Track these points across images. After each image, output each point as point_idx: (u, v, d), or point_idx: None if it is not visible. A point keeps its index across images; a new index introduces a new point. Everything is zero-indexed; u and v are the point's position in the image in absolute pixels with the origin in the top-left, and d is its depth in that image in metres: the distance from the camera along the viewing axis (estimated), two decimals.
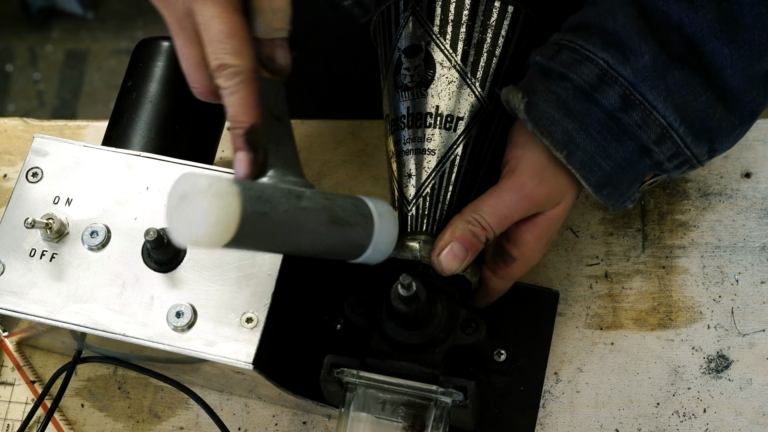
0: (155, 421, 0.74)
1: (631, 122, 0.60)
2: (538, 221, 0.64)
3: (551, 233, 0.65)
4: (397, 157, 0.68)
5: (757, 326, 0.71)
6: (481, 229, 0.62)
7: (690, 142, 0.61)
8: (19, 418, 0.75)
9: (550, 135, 0.60)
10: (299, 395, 0.67)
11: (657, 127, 0.60)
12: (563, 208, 0.64)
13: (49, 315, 0.63)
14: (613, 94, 0.59)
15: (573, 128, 0.60)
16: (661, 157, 0.61)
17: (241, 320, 0.62)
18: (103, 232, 0.65)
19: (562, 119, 0.60)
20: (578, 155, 0.61)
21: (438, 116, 0.66)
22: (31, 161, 0.68)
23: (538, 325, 0.71)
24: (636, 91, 0.59)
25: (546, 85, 0.61)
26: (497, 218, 0.62)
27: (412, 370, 0.63)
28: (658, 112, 0.59)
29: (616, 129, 0.60)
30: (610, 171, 0.61)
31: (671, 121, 0.59)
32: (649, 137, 0.60)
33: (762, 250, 0.73)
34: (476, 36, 0.66)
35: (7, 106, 2.10)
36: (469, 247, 0.62)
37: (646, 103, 0.59)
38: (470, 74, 0.66)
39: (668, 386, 0.70)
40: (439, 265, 0.62)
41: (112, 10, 2.19)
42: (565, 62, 0.61)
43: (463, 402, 0.62)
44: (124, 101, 0.72)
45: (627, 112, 0.59)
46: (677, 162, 0.62)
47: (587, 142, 0.60)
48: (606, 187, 0.62)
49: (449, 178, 0.65)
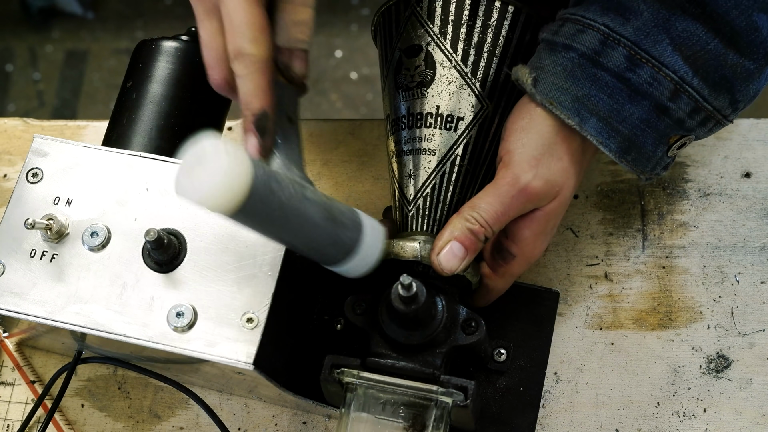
0: (155, 421, 0.74)
1: (641, 80, 0.60)
2: (536, 216, 0.64)
3: (550, 228, 0.65)
4: (397, 157, 0.68)
5: (757, 326, 0.71)
6: (479, 227, 0.62)
7: (708, 95, 0.60)
8: (19, 418, 0.75)
9: (560, 104, 0.61)
10: (299, 395, 0.67)
11: (669, 82, 0.59)
12: (560, 203, 0.64)
13: (49, 315, 0.63)
14: (617, 55, 0.59)
15: (583, 95, 0.60)
16: (680, 113, 0.61)
17: (241, 320, 0.62)
18: (103, 232, 0.65)
19: (570, 87, 0.61)
20: (592, 122, 0.61)
21: (438, 116, 0.66)
22: (31, 162, 0.68)
23: (539, 325, 0.72)
24: (640, 49, 0.59)
25: (552, 59, 0.62)
26: (494, 215, 0.62)
27: (412, 371, 0.63)
28: (667, 67, 0.59)
29: (626, 90, 0.60)
30: (628, 134, 0.61)
31: (683, 74, 0.59)
32: (662, 94, 0.60)
33: (762, 250, 0.73)
34: (476, 36, 0.66)
35: (7, 106, 2.10)
36: (469, 245, 0.62)
37: (652, 59, 0.59)
38: (470, 74, 0.66)
39: (668, 386, 0.70)
40: (439, 265, 0.62)
41: (112, 10, 2.19)
42: (568, 34, 0.61)
43: (464, 402, 0.62)
44: (124, 102, 0.72)
45: (635, 71, 0.59)
46: (699, 118, 0.61)
47: (600, 107, 0.60)
48: (629, 152, 0.62)
49: (449, 178, 0.66)
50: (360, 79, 1.98)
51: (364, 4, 2.06)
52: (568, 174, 0.63)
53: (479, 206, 0.62)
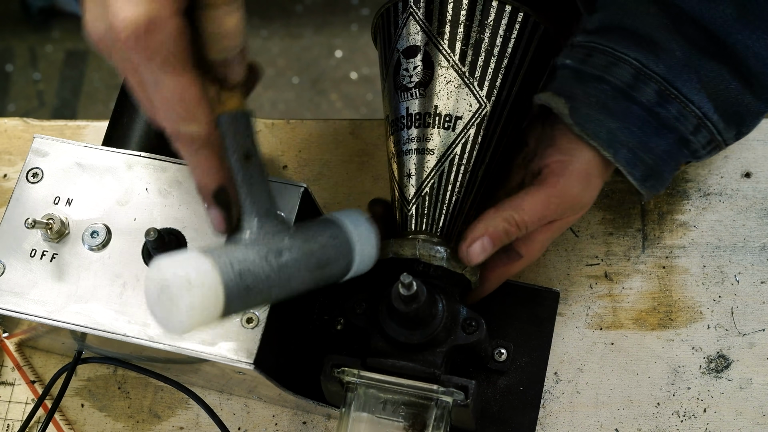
0: (155, 421, 0.74)
1: (669, 116, 0.62)
2: (555, 225, 0.65)
3: (559, 233, 0.67)
4: (397, 157, 0.68)
5: (757, 326, 0.71)
6: (516, 228, 0.63)
7: (722, 128, 0.63)
8: (19, 418, 0.75)
9: (596, 136, 0.62)
10: (299, 395, 0.67)
11: (694, 118, 0.62)
12: (579, 217, 0.66)
13: (49, 315, 0.63)
14: (649, 90, 0.61)
15: (616, 127, 0.62)
16: (697, 145, 0.64)
17: (241, 320, 0.62)
18: (103, 232, 0.65)
19: (604, 120, 0.62)
20: (623, 152, 0.63)
21: (437, 116, 0.66)
22: (32, 162, 0.68)
23: (539, 325, 0.72)
24: (671, 86, 0.61)
25: (583, 89, 0.63)
26: (536, 219, 0.63)
27: (412, 370, 0.63)
28: (694, 104, 0.62)
29: (655, 123, 0.62)
30: (652, 164, 0.63)
31: (706, 111, 0.62)
32: (686, 128, 0.62)
33: (762, 250, 0.73)
34: (474, 36, 0.67)
35: (7, 106, 2.10)
36: (498, 243, 0.63)
37: (681, 96, 0.61)
38: (468, 74, 0.66)
39: (668, 386, 0.70)
40: (466, 257, 0.63)
41: None
42: (599, 65, 0.63)
43: (464, 401, 0.62)
44: (124, 102, 0.72)
45: (664, 106, 0.62)
46: (710, 148, 0.65)
47: (630, 138, 0.62)
48: (649, 179, 0.64)
49: (448, 177, 0.66)
50: (360, 79, 1.98)
51: (364, 4, 2.06)
52: (597, 191, 0.65)
53: (522, 208, 0.63)
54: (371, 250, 0.60)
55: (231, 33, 0.52)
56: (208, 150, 0.53)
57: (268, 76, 1.98)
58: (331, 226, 0.59)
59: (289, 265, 0.55)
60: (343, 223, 0.59)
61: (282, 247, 0.55)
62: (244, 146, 0.55)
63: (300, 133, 0.83)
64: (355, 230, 0.59)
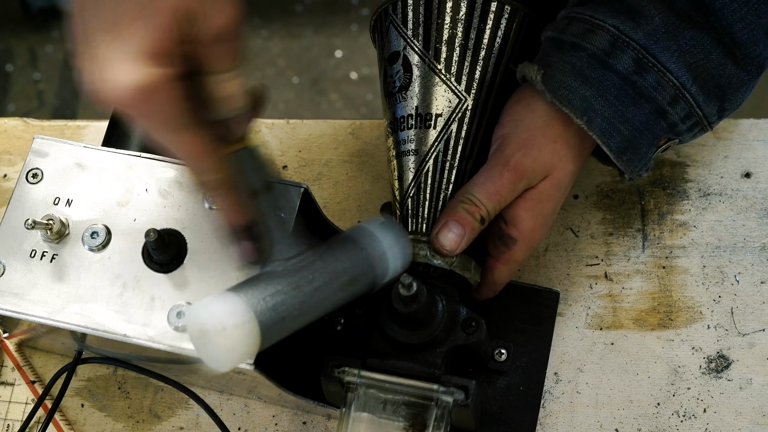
0: (155, 421, 0.74)
1: (646, 85, 0.61)
2: (529, 196, 0.64)
3: (547, 212, 0.65)
4: (389, 162, 0.69)
5: (757, 326, 0.71)
6: (473, 206, 0.63)
7: (702, 101, 0.62)
8: (19, 419, 0.75)
9: (569, 103, 0.62)
10: (299, 395, 0.67)
11: (671, 88, 0.61)
12: (552, 184, 0.64)
13: (49, 316, 0.63)
14: (626, 58, 0.61)
15: (591, 95, 0.61)
16: (675, 118, 0.62)
17: None
18: (103, 232, 0.65)
19: (579, 87, 0.61)
20: (597, 121, 0.62)
21: (417, 116, 0.67)
22: (31, 162, 0.68)
23: (539, 325, 0.72)
24: (648, 54, 0.60)
25: (560, 56, 0.62)
26: (486, 194, 0.63)
27: (413, 370, 0.63)
28: (671, 73, 0.61)
29: (632, 93, 0.61)
30: (628, 135, 0.62)
31: (684, 81, 0.61)
32: (664, 98, 0.61)
33: (762, 250, 0.73)
34: (447, 32, 0.67)
35: (7, 106, 2.10)
36: (465, 224, 0.63)
37: (659, 65, 0.60)
38: (444, 70, 0.67)
39: (668, 386, 0.70)
40: (438, 243, 0.63)
41: None
42: (577, 32, 0.62)
43: (465, 401, 0.62)
44: None
45: (641, 75, 0.61)
46: (689, 123, 0.63)
47: (605, 107, 0.61)
48: (626, 152, 0.63)
49: (434, 175, 0.66)
50: (360, 79, 1.98)
51: (364, 4, 2.06)
52: (560, 156, 0.64)
53: (472, 187, 0.63)
54: (404, 254, 0.60)
55: (232, 97, 0.55)
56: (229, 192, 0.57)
57: (268, 76, 1.98)
58: (357, 239, 0.60)
59: (321, 288, 0.57)
60: (369, 233, 0.60)
61: (313, 271, 0.57)
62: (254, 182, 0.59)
63: (300, 133, 0.83)
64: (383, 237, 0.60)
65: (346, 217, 0.78)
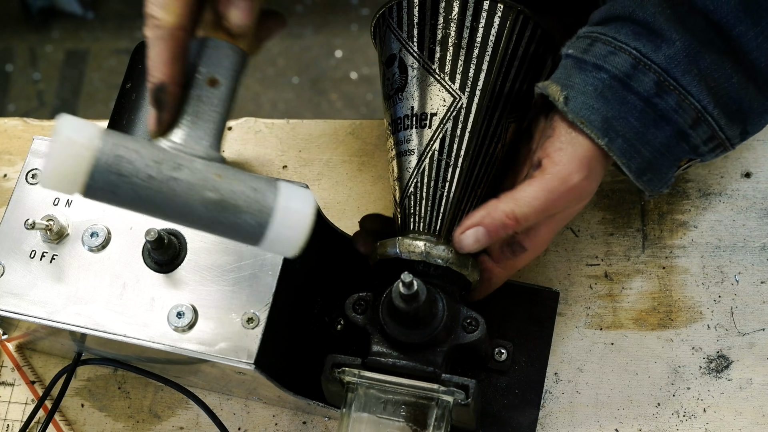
0: (155, 421, 0.74)
1: (667, 107, 0.61)
2: (558, 216, 0.65)
3: (562, 226, 0.66)
4: (390, 162, 0.69)
5: (757, 326, 0.71)
6: (515, 222, 0.62)
7: (724, 124, 0.62)
8: (19, 419, 0.75)
9: (590, 123, 0.62)
10: (299, 395, 0.67)
11: (692, 111, 0.61)
12: (582, 207, 0.66)
13: (49, 316, 0.63)
14: (647, 81, 0.61)
15: (612, 116, 0.62)
16: (697, 140, 0.63)
17: (242, 320, 0.62)
18: (103, 233, 0.65)
19: (600, 108, 0.62)
20: (618, 142, 0.62)
21: (414, 116, 0.67)
22: (31, 163, 0.68)
23: (539, 325, 0.72)
24: (670, 77, 0.61)
25: (582, 78, 0.63)
26: (536, 211, 0.62)
27: (413, 370, 0.63)
28: (693, 96, 0.61)
29: (653, 114, 0.62)
30: (649, 157, 0.63)
31: (705, 104, 0.61)
32: (685, 121, 0.62)
33: (762, 250, 0.73)
34: (440, 32, 0.68)
35: (7, 106, 2.10)
36: (494, 235, 0.63)
37: (680, 88, 0.61)
38: (438, 69, 0.67)
39: (668, 386, 0.70)
40: (459, 243, 0.63)
41: (112, 10, 2.19)
42: (599, 54, 0.63)
43: (465, 401, 0.62)
44: (124, 103, 0.72)
45: (662, 97, 0.61)
46: (712, 145, 0.64)
47: (626, 128, 0.62)
48: (646, 173, 0.64)
49: (430, 174, 0.66)
50: (360, 79, 1.98)
51: (364, 4, 2.06)
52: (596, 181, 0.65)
53: (522, 199, 0.62)
54: (296, 229, 0.55)
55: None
56: (166, 43, 0.55)
57: (268, 76, 1.98)
58: (265, 182, 0.55)
59: (180, 182, 0.53)
60: (277, 188, 0.55)
61: (188, 164, 0.54)
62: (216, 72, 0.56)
63: (300, 133, 0.83)
64: (287, 200, 0.55)
65: (346, 217, 0.78)
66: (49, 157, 0.50)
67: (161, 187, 0.53)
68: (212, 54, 0.56)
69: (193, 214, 0.54)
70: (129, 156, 0.52)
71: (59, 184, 0.51)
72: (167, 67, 0.55)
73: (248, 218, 0.54)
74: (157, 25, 0.54)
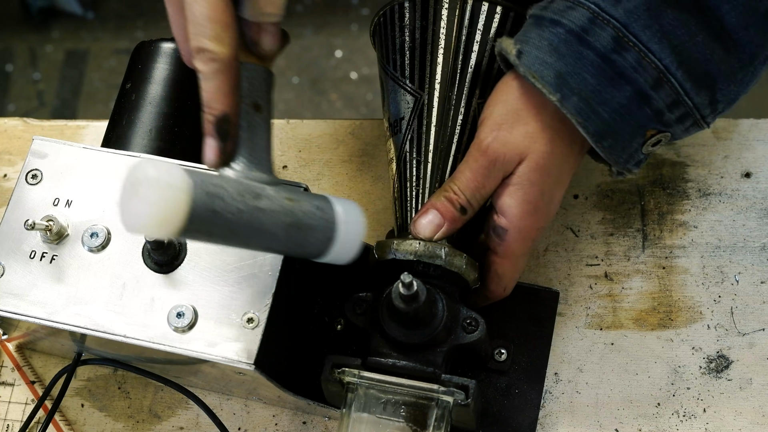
0: (155, 421, 0.74)
1: (625, 64, 0.59)
2: (511, 182, 0.63)
3: (533, 196, 0.64)
4: (389, 164, 0.71)
5: (757, 326, 0.71)
6: (453, 194, 0.63)
7: (689, 88, 0.60)
8: (19, 419, 0.75)
9: (542, 78, 0.60)
10: (299, 395, 0.67)
11: (653, 70, 0.59)
12: (530, 168, 0.63)
13: (49, 316, 0.63)
14: (605, 35, 0.59)
15: (566, 71, 0.60)
16: (660, 104, 0.60)
17: (242, 320, 0.62)
18: (103, 233, 0.65)
19: (554, 63, 0.60)
20: (573, 100, 0.60)
21: (389, 127, 0.70)
22: (31, 163, 0.68)
23: (539, 325, 0.72)
24: (628, 32, 0.58)
25: (538, 32, 0.61)
26: (466, 182, 0.63)
27: (413, 370, 0.63)
28: (653, 54, 0.58)
29: (610, 72, 0.59)
30: (608, 118, 0.60)
31: (667, 63, 0.58)
32: (645, 80, 0.59)
33: (762, 250, 0.73)
34: (398, 41, 0.70)
35: (7, 106, 2.10)
36: (444, 213, 0.63)
37: (639, 44, 0.58)
38: (400, 75, 0.69)
39: (668, 386, 0.70)
40: (415, 229, 0.64)
41: (112, 10, 2.19)
42: (557, 9, 0.61)
43: (465, 401, 0.62)
44: (124, 103, 0.72)
45: (620, 53, 0.59)
46: (678, 113, 0.61)
47: (582, 86, 0.60)
48: (606, 137, 0.61)
49: (407, 175, 0.68)
50: (360, 79, 1.98)
51: (364, 4, 2.06)
52: (534, 138, 0.63)
53: (454, 177, 0.64)
54: (355, 239, 0.59)
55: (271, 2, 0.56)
56: (223, 76, 0.55)
57: None
58: (321, 200, 0.59)
59: (264, 211, 0.55)
60: (334, 203, 0.59)
61: (263, 192, 0.55)
62: (256, 97, 0.58)
63: (300, 133, 0.83)
64: (345, 214, 0.59)
65: None
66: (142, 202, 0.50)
67: (250, 218, 0.54)
68: (252, 77, 0.58)
69: (275, 240, 0.56)
70: (218, 192, 0.53)
71: (158, 230, 0.51)
72: (228, 98, 0.55)
73: (319, 235, 0.57)
74: (213, 59, 0.54)
